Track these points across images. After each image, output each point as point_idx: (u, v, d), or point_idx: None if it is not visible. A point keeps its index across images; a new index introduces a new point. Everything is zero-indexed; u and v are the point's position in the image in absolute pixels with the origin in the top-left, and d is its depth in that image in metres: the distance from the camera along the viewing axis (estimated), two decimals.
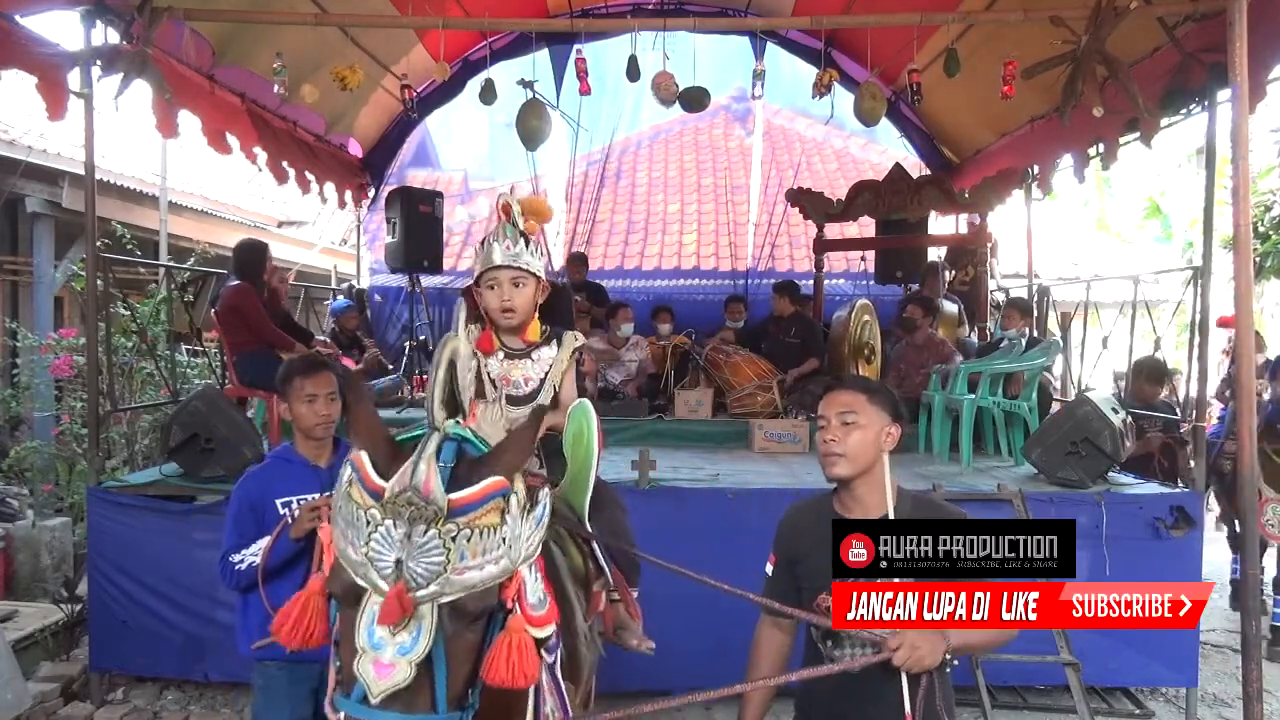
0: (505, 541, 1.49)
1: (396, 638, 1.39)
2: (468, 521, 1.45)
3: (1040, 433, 5.22)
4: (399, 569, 1.41)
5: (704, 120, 11.54)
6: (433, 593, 1.41)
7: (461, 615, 1.46)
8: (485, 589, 1.47)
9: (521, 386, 2.65)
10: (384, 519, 1.42)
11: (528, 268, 2.55)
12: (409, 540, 1.41)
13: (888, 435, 2.17)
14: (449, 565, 1.42)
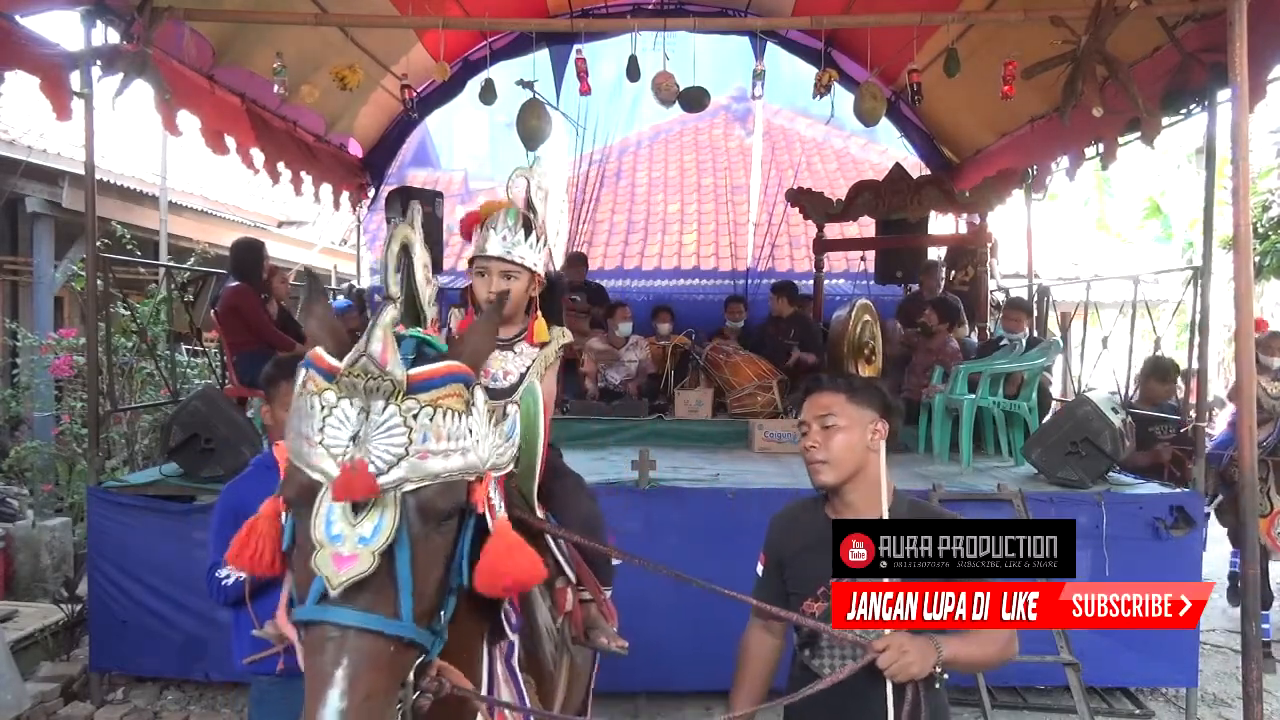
0: (471, 433, 1.39)
1: (357, 528, 1.28)
2: (429, 400, 1.34)
3: (1040, 433, 5.22)
4: (355, 445, 1.30)
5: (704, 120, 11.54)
6: (395, 479, 1.30)
7: (427, 511, 1.35)
8: (451, 483, 1.36)
9: (500, 380, 2.48)
10: (339, 399, 1.31)
11: (522, 261, 2.41)
12: (366, 419, 1.30)
13: (874, 433, 2.05)
14: (411, 447, 1.31)
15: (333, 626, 1.26)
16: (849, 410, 2.04)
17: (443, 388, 1.36)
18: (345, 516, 1.28)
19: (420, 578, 1.33)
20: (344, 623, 1.26)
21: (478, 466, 1.41)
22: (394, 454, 1.29)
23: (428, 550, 1.35)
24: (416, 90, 7.21)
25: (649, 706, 4.53)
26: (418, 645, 1.34)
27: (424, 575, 1.34)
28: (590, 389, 7.17)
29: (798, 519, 2.19)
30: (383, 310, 1.37)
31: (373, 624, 1.27)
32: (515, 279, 2.42)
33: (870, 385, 2.14)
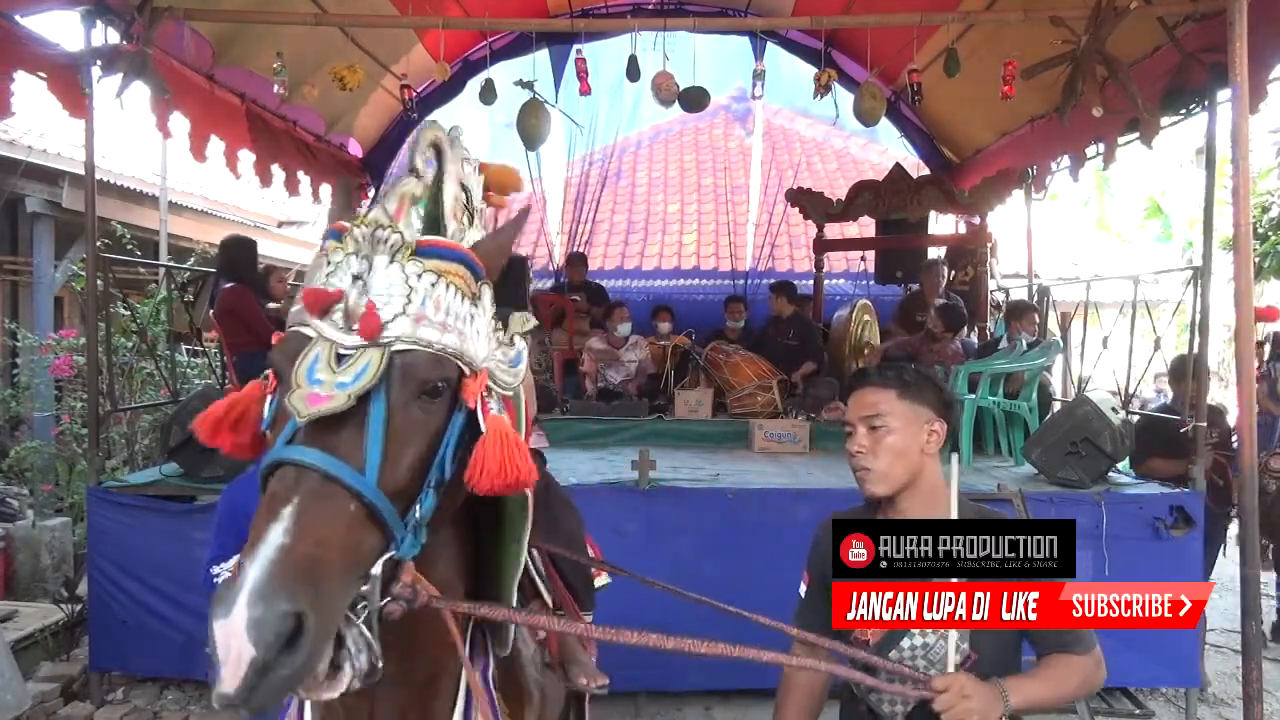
0: (471, 320, 1.34)
1: (338, 375, 1.23)
2: (435, 267, 1.31)
3: (1040, 433, 5.22)
4: (355, 287, 1.27)
5: (704, 120, 11.55)
6: (390, 336, 1.25)
7: (413, 377, 1.28)
8: (442, 357, 1.30)
9: None
10: (345, 255, 1.29)
11: None
12: (370, 271, 1.27)
13: (930, 434, 1.81)
14: (409, 306, 1.27)
15: (292, 466, 1.20)
16: (900, 409, 1.80)
17: (452, 262, 1.33)
18: (329, 364, 1.24)
19: (394, 441, 1.25)
20: (304, 460, 1.19)
21: (474, 358, 1.35)
22: (390, 310, 1.26)
23: (407, 418, 1.27)
24: (416, 90, 7.21)
25: (649, 706, 4.53)
26: (383, 523, 1.22)
27: (399, 442, 1.26)
28: (590, 389, 7.17)
29: None
30: (402, 179, 1.37)
31: (333, 468, 1.19)
32: None
33: (925, 379, 1.87)
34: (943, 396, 1.85)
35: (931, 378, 1.89)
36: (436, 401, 1.31)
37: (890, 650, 1.74)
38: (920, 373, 1.88)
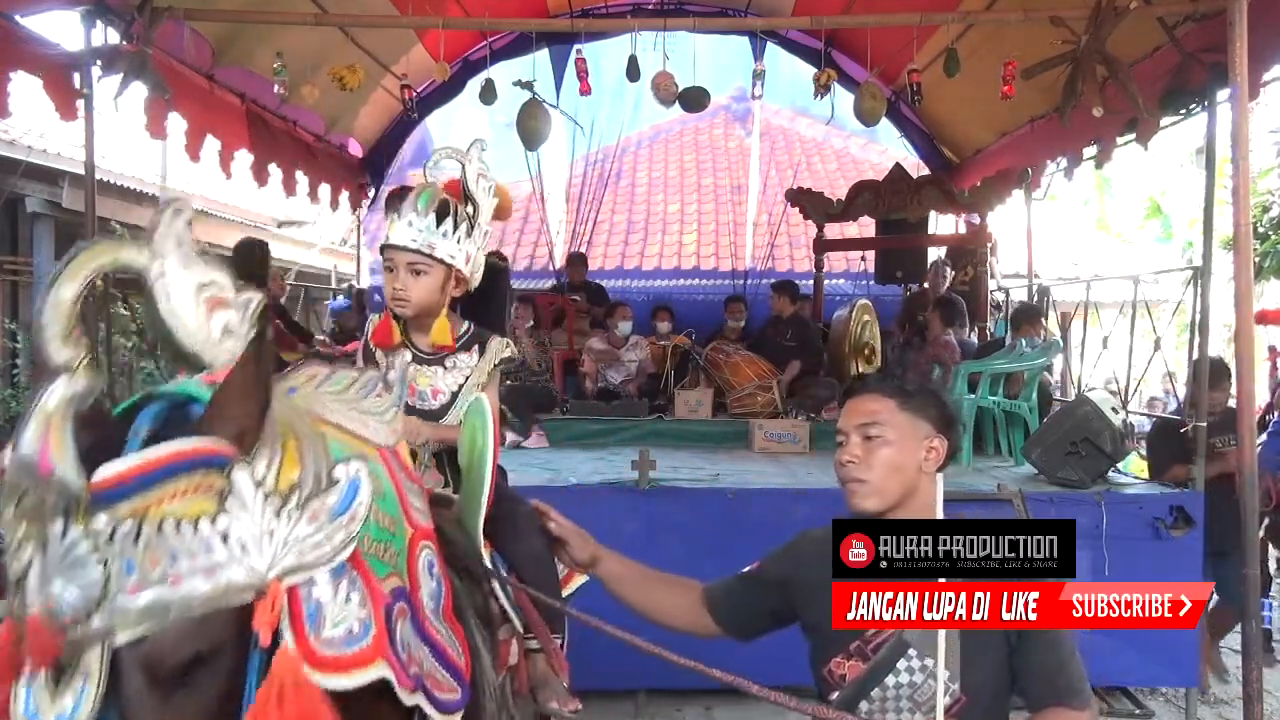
0: (228, 540, 0.98)
1: (56, 702, 0.93)
2: (133, 511, 0.94)
3: (1040, 433, 5.22)
4: (29, 591, 0.94)
5: (704, 120, 11.55)
6: (98, 630, 0.92)
7: (156, 666, 0.96)
8: (192, 618, 0.96)
9: (429, 399, 2.18)
10: (15, 523, 0.95)
11: (431, 252, 2.06)
12: (42, 554, 0.93)
13: (930, 451, 1.68)
14: (110, 582, 0.92)
15: None
16: (899, 420, 1.68)
17: (156, 489, 0.96)
18: (47, 686, 0.94)
19: None
20: None
21: (249, 583, 1.00)
22: (88, 595, 0.92)
23: (171, 716, 0.97)
24: (416, 90, 7.21)
25: (649, 705, 4.53)
26: None
27: None
28: (590, 389, 7.17)
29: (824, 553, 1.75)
30: (50, 385, 0.95)
31: None
32: (424, 274, 2.07)
33: (928, 392, 1.76)
34: (946, 413, 1.72)
35: (936, 392, 1.78)
36: (213, 668, 1.00)
37: (873, 689, 1.61)
38: (925, 386, 1.78)
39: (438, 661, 1.39)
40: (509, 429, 6.23)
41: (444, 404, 2.19)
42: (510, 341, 2.30)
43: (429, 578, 1.42)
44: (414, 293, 2.09)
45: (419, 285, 2.08)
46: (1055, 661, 1.58)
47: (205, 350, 1.12)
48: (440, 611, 1.45)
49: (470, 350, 2.22)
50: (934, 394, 1.75)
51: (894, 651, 1.60)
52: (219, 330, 1.12)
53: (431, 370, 2.19)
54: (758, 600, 1.81)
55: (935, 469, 1.69)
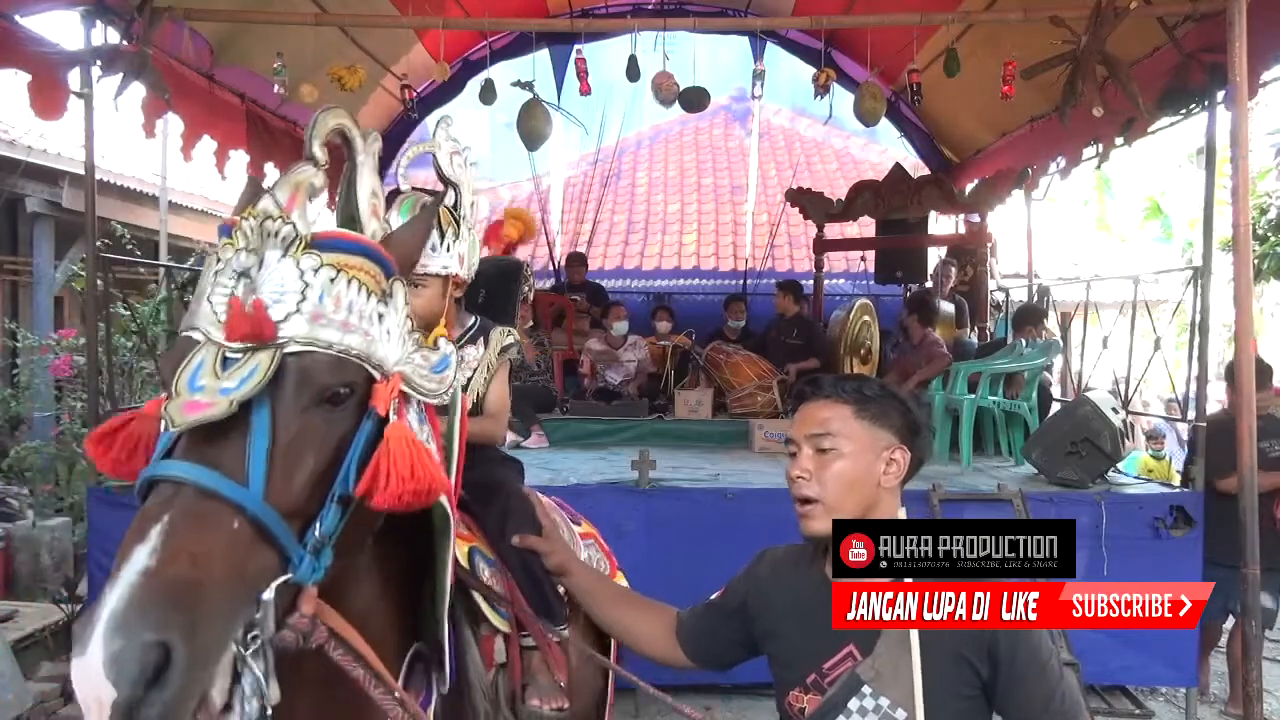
0: (379, 319, 1.23)
1: (223, 380, 1.11)
2: (334, 261, 1.19)
3: (1040, 433, 5.23)
4: (242, 284, 1.14)
5: (704, 120, 11.55)
6: (281, 337, 1.13)
7: (308, 381, 1.16)
8: (344, 360, 1.18)
9: None
10: (235, 249, 1.17)
11: (424, 271, 2.02)
12: (259, 268, 1.15)
13: (890, 462, 1.50)
14: (304, 303, 1.15)
15: (165, 483, 1.08)
16: (854, 429, 1.51)
17: (353, 255, 1.22)
18: (214, 369, 1.12)
19: (284, 452, 1.13)
20: (177, 474, 1.07)
21: (383, 361, 1.23)
22: (283, 308, 1.14)
23: (303, 426, 1.15)
24: (416, 90, 7.21)
25: (649, 704, 4.53)
26: (274, 543, 1.10)
27: (290, 452, 1.14)
28: (590, 389, 7.17)
29: (789, 570, 1.63)
30: (297, 166, 1.23)
31: (210, 481, 1.07)
32: (423, 288, 2.01)
33: (888, 395, 1.57)
34: (910, 419, 1.54)
35: (897, 395, 1.58)
36: (339, 408, 1.20)
37: (837, 717, 1.46)
38: (885, 389, 1.57)
39: None
40: (510, 429, 6.23)
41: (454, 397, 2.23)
42: (511, 330, 2.28)
43: None
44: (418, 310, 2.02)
45: (418, 300, 1.99)
46: (1045, 693, 1.42)
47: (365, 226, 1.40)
48: None
49: (476, 343, 2.22)
50: (895, 398, 1.57)
51: (847, 688, 1.45)
52: (369, 230, 1.39)
53: None
54: (724, 631, 1.69)
55: (897, 482, 1.52)
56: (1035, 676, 1.42)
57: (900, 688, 1.40)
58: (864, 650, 1.45)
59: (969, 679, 1.43)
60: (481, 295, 2.41)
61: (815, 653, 1.48)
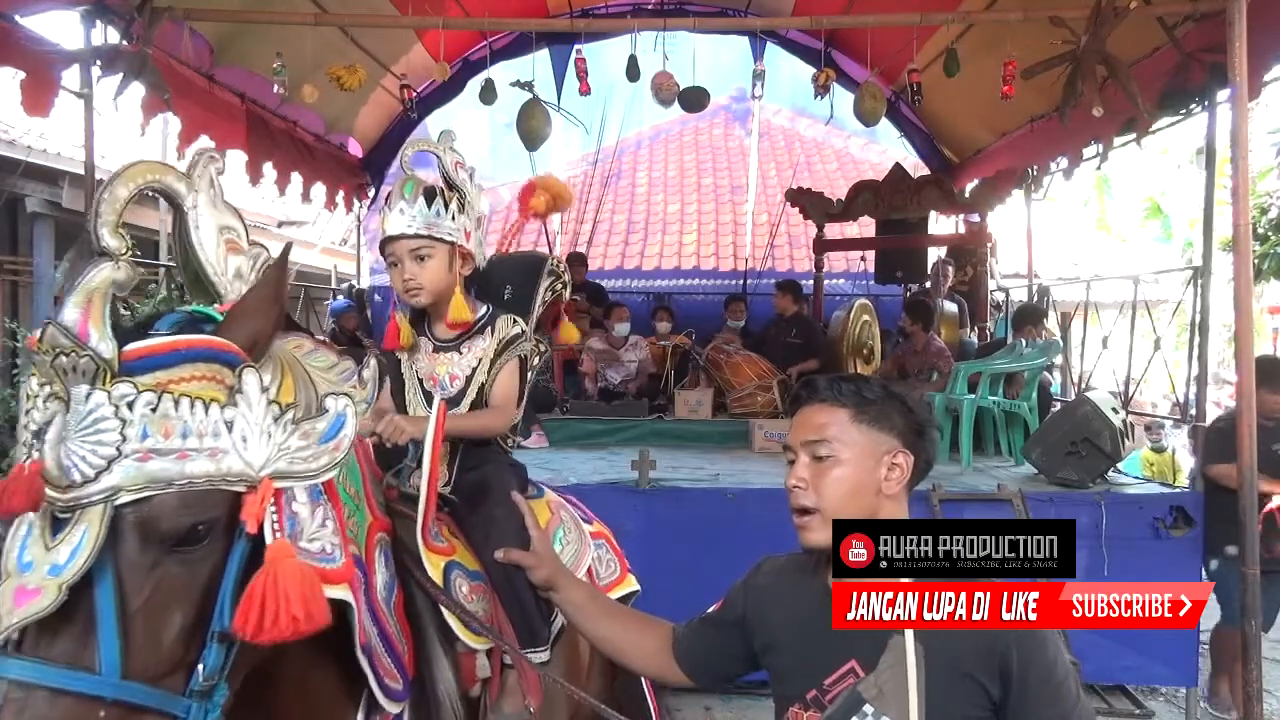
0: (231, 429, 1.08)
1: (51, 553, 1.00)
2: (154, 383, 1.04)
3: (1040, 433, 5.22)
4: (43, 443, 1.01)
5: (704, 120, 11.57)
6: (106, 488, 1.00)
7: (153, 530, 1.04)
8: (195, 493, 1.05)
9: (447, 387, 2.11)
10: (40, 384, 1.05)
11: (431, 233, 1.99)
12: (66, 409, 1.01)
13: (892, 467, 1.43)
14: (125, 445, 1.01)
15: (13, 685, 0.98)
16: (854, 435, 1.42)
17: (178, 368, 1.06)
18: (42, 537, 1.01)
19: (139, 619, 1.03)
20: (19, 677, 0.97)
21: (244, 471, 1.10)
22: (102, 455, 1.00)
23: (156, 585, 1.04)
24: (416, 90, 7.21)
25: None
26: (148, 709, 1.02)
27: (147, 617, 1.03)
28: (590, 389, 7.17)
29: (790, 580, 1.55)
30: (91, 268, 1.07)
31: (53, 679, 0.97)
32: (429, 258, 2.00)
33: (890, 398, 1.47)
34: (913, 420, 1.46)
35: (899, 396, 1.48)
36: (201, 545, 1.08)
37: None
38: (886, 390, 1.48)
39: (383, 646, 1.43)
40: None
41: (460, 389, 2.12)
42: (519, 320, 2.18)
43: (383, 568, 1.50)
44: (424, 278, 2.01)
45: (427, 270, 2.01)
46: (1058, 715, 1.37)
47: (220, 283, 1.28)
48: (392, 604, 1.51)
49: (485, 333, 2.13)
50: (897, 398, 1.47)
51: (848, 705, 1.38)
52: (232, 271, 1.29)
53: (449, 356, 2.12)
54: (723, 644, 1.60)
55: (900, 488, 1.44)
56: (1049, 697, 1.36)
57: (904, 706, 1.34)
58: (867, 666, 1.38)
59: (978, 699, 1.36)
60: (507, 291, 2.31)
61: (816, 668, 1.41)
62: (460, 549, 1.91)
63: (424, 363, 2.14)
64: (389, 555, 1.54)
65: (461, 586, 1.82)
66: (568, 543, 2.27)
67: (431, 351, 2.13)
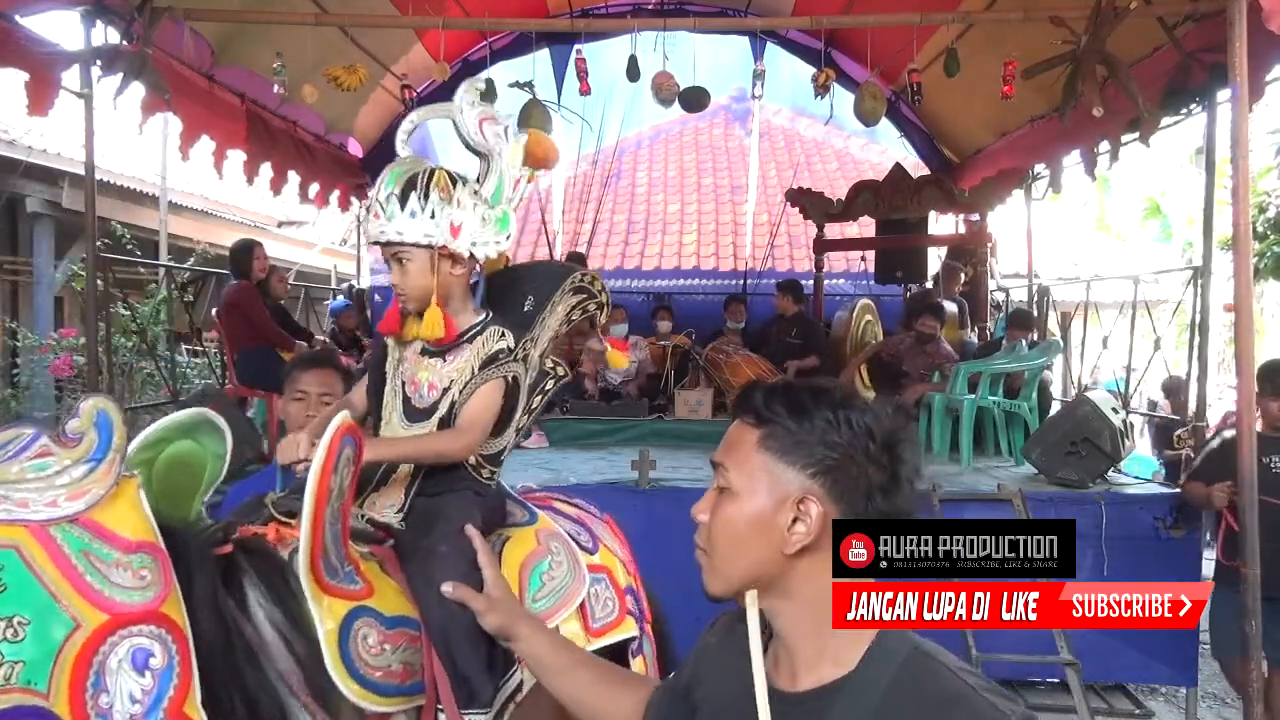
0: None
1: None
2: None
3: (1040, 433, 5.22)
4: None
5: (704, 120, 11.59)
6: None
7: None
8: None
9: (424, 395, 1.93)
10: None
11: (401, 239, 1.83)
12: None
13: (797, 518, 1.05)
14: None
15: None
16: (754, 465, 1.07)
17: None
18: None
19: None
20: None
21: None
22: None
23: None
24: (416, 90, 7.21)
25: None
26: None
27: None
28: (590, 389, 7.17)
29: (728, 647, 1.19)
30: None
31: None
32: (409, 261, 1.85)
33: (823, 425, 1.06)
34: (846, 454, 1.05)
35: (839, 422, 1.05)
36: None
37: None
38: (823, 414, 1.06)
39: None
40: None
41: (434, 401, 1.91)
42: (506, 331, 1.95)
43: (127, 675, 1.21)
44: (407, 284, 1.88)
45: (407, 276, 1.87)
46: None
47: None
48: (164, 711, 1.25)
49: (473, 344, 1.93)
50: (827, 419, 1.05)
51: None
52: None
53: (432, 363, 1.94)
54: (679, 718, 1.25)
55: (802, 545, 1.05)
56: None
57: None
58: None
59: None
60: (528, 303, 2.09)
61: None
62: (387, 591, 1.70)
63: (410, 364, 1.97)
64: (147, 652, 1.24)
65: (367, 637, 1.60)
66: (552, 578, 2.01)
67: (419, 354, 1.97)
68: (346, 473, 1.61)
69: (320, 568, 1.55)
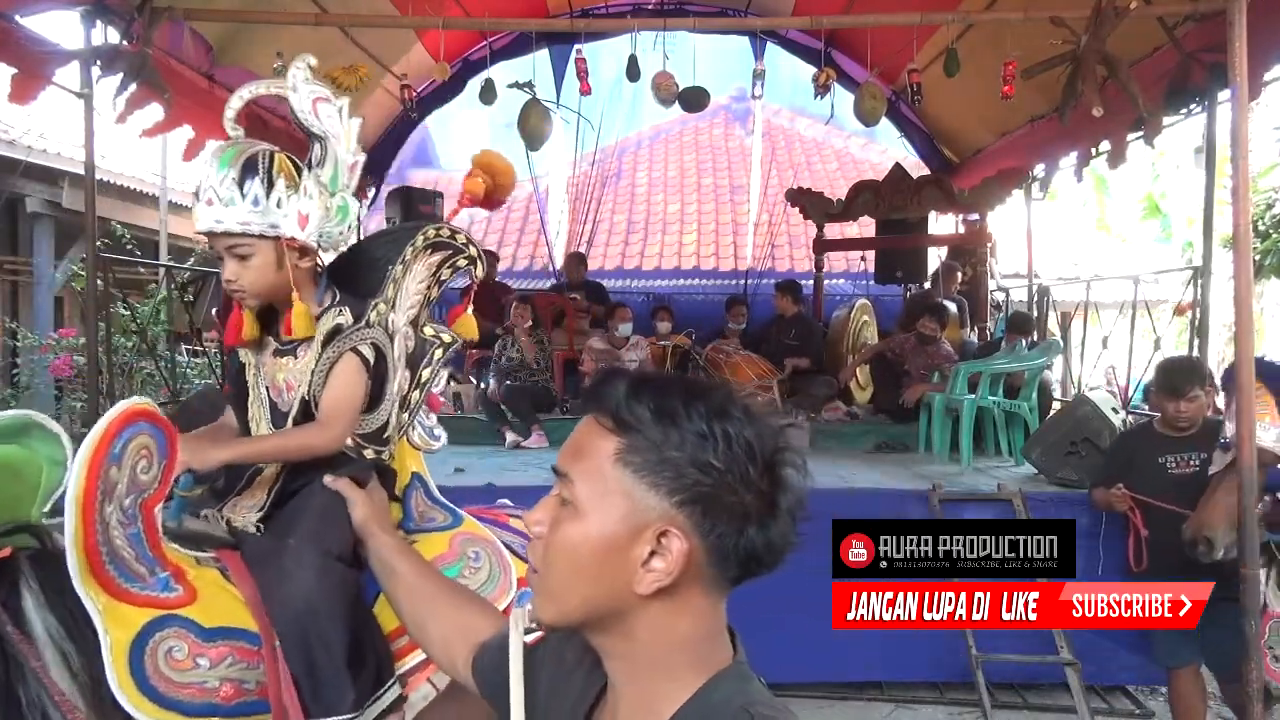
0: None
1: None
2: None
3: (1040, 433, 5.22)
4: None
5: (704, 120, 11.58)
6: None
7: None
8: None
9: (286, 398, 1.81)
10: None
11: (245, 230, 1.66)
12: None
13: (656, 551, 0.86)
14: None
15: None
16: (608, 479, 0.88)
17: None
18: None
19: None
20: None
21: None
22: None
23: None
24: (416, 90, 7.21)
25: None
26: None
27: None
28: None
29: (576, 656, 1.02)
30: None
31: None
32: (250, 256, 1.69)
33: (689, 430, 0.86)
34: (712, 480, 0.86)
35: (715, 437, 0.86)
36: None
37: None
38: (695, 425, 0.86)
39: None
40: (511, 429, 6.23)
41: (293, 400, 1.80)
42: (344, 309, 1.80)
43: None
44: (245, 281, 1.71)
45: (248, 271, 1.69)
46: None
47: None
48: None
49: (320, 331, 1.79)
50: (700, 432, 0.86)
51: None
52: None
53: (285, 361, 1.80)
54: None
55: (662, 586, 0.86)
56: None
57: None
58: None
59: None
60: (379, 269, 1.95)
61: None
62: (216, 601, 1.57)
63: (268, 367, 1.83)
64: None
65: (172, 649, 1.46)
66: (477, 569, 1.91)
67: (273, 355, 1.82)
68: (143, 465, 1.48)
69: (106, 571, 1.41)
